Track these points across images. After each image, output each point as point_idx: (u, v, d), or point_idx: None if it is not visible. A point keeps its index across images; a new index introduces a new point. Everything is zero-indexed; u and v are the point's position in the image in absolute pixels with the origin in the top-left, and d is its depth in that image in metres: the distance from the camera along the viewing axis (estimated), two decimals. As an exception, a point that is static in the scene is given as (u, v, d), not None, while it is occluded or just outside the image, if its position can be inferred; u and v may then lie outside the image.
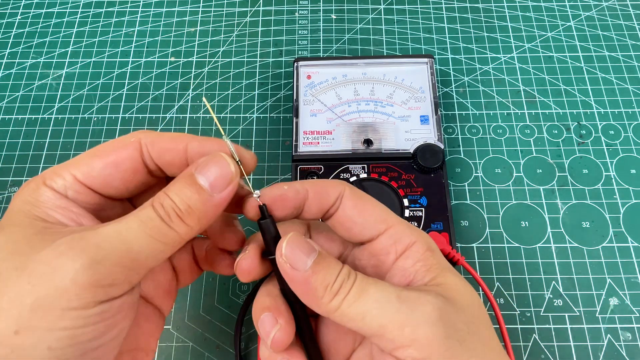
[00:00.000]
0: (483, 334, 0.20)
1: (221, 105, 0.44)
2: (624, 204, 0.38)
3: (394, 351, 0.19)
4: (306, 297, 0.20)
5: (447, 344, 0.18)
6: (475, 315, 0.20)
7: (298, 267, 0.20)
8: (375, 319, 0.19)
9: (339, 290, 0.19)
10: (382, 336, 0.19)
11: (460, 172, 0.40)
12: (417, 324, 0.18)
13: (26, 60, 0.46)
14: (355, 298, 0.19)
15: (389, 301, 0.19)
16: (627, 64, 0.45)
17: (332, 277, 0.20)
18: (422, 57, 0.41)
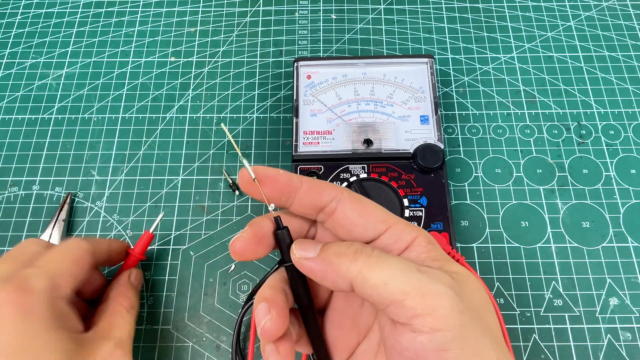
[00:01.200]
0: (488, 320, 0.21)
1: (221, 105, 0.44)
2: (624, 204, 0.38)
3: (412, 319, 0.19)
4: (328, 276, 0.21)
5: (462, 319, 0.19)
6: (482, 301, 0.21)
7: (309, 255, 0.22)
8: (398, 285, 0.19)
9: (356, 255, 0.20)
10: (402, 303, 0.19)
11: (460, 172, 0.40)
12: (438, 294, 0.19)
13: (26, 60, 0.46)
14: (377, 264, 0.20)
15: (410, 270, 0.19)
16: (627, 64, 0.45)
17: (343, 247, 0.21)
18: (422, 57, 0.41)
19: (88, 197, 0.40)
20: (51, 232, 0.37)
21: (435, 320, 0.18)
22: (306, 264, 0.22)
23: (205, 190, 0.40)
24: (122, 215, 0.39)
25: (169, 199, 0.39)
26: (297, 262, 0.22)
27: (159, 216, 0.35)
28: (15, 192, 0.40)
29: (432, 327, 0.18)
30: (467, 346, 0.19)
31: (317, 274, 0.22)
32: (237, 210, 0.39)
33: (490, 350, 0.19)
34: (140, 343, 0.35)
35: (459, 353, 0.18)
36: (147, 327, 0.35)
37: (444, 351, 0.18)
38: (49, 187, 0.40)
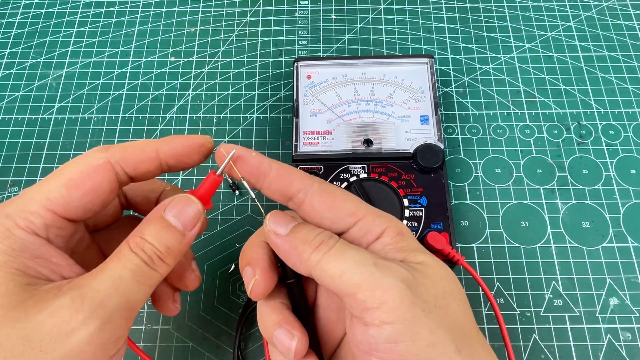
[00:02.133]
0: (454, 309, 0.21)
1: (221, 105, 0.44)
2: (624, 204, 0.38)
3: (363, 312, 0.19)
4: (290, 257, 0.22)
5: (412, 311, 0.19)
6: (447, 290, 0.21)
7: (279, 232, 0.22)
8: (352, 278, 0.20)
9: (320, 245, 0.21)
10: (354, 295, 0.19)
11: (460, 172, 0.40)
12: (387, 288, 0.19)
13: (26, 60, 0.46)
14: (335, 256, 0.20)
15: (365, 264, 0.20)
16: (627, 64, 0.45)
17: (312, 235, 0.21)
18: (422, 57, 0.41)
19: (88, 197, 0.40)
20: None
21: (384, 314, 0.19)
22: (274, 239, 0.22)
23: (205, 190, 0.40)
24: (122, 215, 0.39)
25: (169, 199, 0.39)
26: (267, 234, 0.22)
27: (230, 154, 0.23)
28: (15, 192, 0.40)
29: (381, 320, 0.19)
30: (419, 338, 0.19)
31: (281, 253, 0.22)
32: (237, 210, 0.39)
33: (448, 340, 0.19)
34: (141, 343, 0.35)
35: (410, 345, 0.19)
36: (147, 327, 0.35)
37: (394, 343, 0.19)
38: (49, 187, 0.40)
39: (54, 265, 0.21)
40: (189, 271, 0.26)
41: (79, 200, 0.22)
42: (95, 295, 0.19)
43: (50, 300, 0.19)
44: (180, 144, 0.24)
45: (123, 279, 0.20)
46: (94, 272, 0.21)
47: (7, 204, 0.21)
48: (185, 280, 0.26)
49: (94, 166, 0.22)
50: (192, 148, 0.24)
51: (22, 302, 0.19)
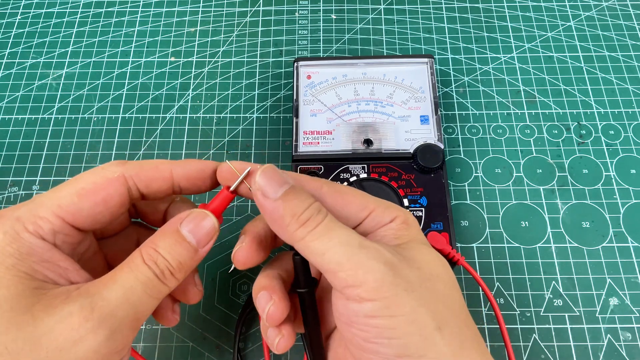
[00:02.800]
0: (440, 290, 0.21)
1: (221, 105, 0.44)
2: (624, 204, 0.38)
3: (344, 289, 0.20)
4: (274, 224, 0.22)
5: (393, 290, 0.19)
6: (434, 273, 0.21)
7: (269, 195, 0.21)
8: (334, 257, 0.20)
9: (307, 222, 0.21)
10: (336, 274, 0.20)
11: (460, 172, 0.40)
12: (369, 269, 0.19)
13: (26, 60, 0.46)
14: (320, 234, 0.20)
15: (350, 245, 0.20)
16: (627, 64, 0.45)
17: (301, 208, 0.21)
18: (422, 57, 0.41)
19: (88, 197, 0.40)
20: (51, 232, 0.37)
21: (364, 292, 0.19)
22: (262, 200, 0.21)
23: (205, 190, 0.40)
24: (122, 215, 0.39)
25: (169, 199, 0.39)
26: (254, 191, 0.22)
27: (245, 171, 0.24)
28: (15, 192, 0.40)
29: (361, 297, 0.19)
30: (398, 313, 0.19)
31: (266, 215, 0.22)
32: (237, 210, 0.39)
33: (429, 319, 0.20)
34: (141, 343, 0.35)
35: (389, 319, 0.19)
36: (147, 327, 0.35)
37: (373, 318, 0.19)
38: (49, 187, 0.40)
39: (62, 270, 0.21)
40: (191, 284, 0.26)
41: (89, 209, 0.22)
42: (105, 305, 0.19)
43: (59, 306, 0.19)
44: (195, 168, 0.24)
45: (134, 290, 0.20)
46: (104, 280, 0.21)
47: (18, 207, 0.22)
48: (187, 294, 0.26)
49: (108, 179, 0.22)
50: (206, 173, 0.24)
51: (30, 306, 0.19)
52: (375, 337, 0.19)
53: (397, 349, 0.19)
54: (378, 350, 0.19)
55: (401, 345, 0.19)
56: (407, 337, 0.19)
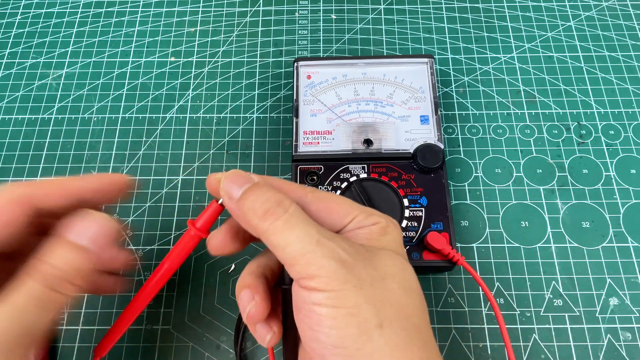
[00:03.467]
0: (393, 291, 0.22)
1: (221, 105, 0.44)
2: (624, 204, 0.38)
3: (299, 280, 0.21)
4: (242, 223, 0.23)
5: (342, 286, 0.20)
6: (389, 273, 0.22)
7: (233, 196, 0.23)
8: (293, 252, 0.21)
9: (265, 215, 0.22)
10: (292, 267, 0.21)
11: (460, 172, 0.40)
12: (321, 266, 0.21)
13: (26, 60, 0.46)
14: (282, 229, 0.21)
15: (308, 242, 0.21)
16: (627, 64, 0.45)
17: (258, 202, 0.22)
18: (422, 57, 0.41)
19: (88, 197, 0.40)
20: (51, 232, 0.37)
21: (316, 283, 0.20)
22: (228, 202, 0.23)
23: (205, 190, 0.40)
24: (122, 215, 0.39)
25: (169, 199, 0.39)
26: (222, 197, 0.23)
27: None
28: (15, 192, 0.40)
29: (312, 287, 0.21)
30: (341, 305, 0.20)
31: (235, 216, 0.23)
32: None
33: (372, 315, 0.20)
34: (141, 343, 0.35)
35: (331, 309, 0.20)
36: (147, 327, 0.35)
37: (317, 305, 0.20)
38: (49, 187, 0.40)
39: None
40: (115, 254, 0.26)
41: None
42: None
43: None
44: (94, 185, 0.25)
45: (23, 309, 0.20)
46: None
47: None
48: (114, 264, 0.26)
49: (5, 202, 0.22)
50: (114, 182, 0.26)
51: None
52: (317, 324, 0.20)
53: (334, 339, 0.20)
54: (318, 338, 0.20)
55: (339, 336, 0.20)
56: (346, 329, 0.20)
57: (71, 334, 0.35)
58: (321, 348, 0.20)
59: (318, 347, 0.21)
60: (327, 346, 0.20)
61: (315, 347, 0.21)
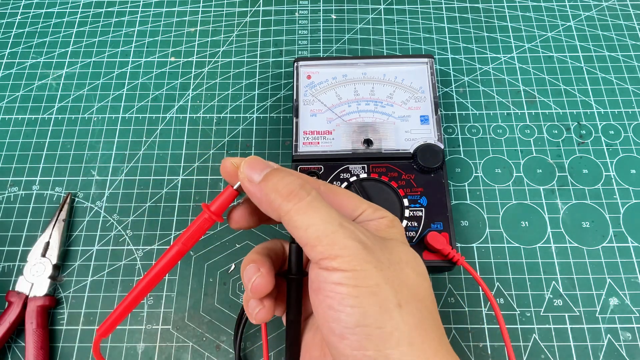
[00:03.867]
0: (407, 274, 0.22)
1: (221, 105, 0.43)
2: (624, 204, 0.38)
3: (320, 261, 0.21)
4: (262, 205, 0.23)
5: (363, 265, 0.21)
6: (404, 259, 0.23)
7: (253, 180, 0.23)
8: (316, 232, 0.21)
9: (289, 196, 0.22)
10: (314, 247, 0.21)
11: (460, 172, 0.40)
12: (344, 246, 0.21)
13: (26, 60, 0.46)
14: (305, 210, 0.22)
15: (331, 224, 0.22)
16: (627, 64, 0.45)
17: (282, 183, 0.23)
18: (422, 57, 0.41)
19: (88, 197, 0.40)
20: (51, 232, 0.37)
21: (337, 264, 0.21)
22: (248, 185, 0.24)
23: (205, 190, 0.40)
24: (122, 215, 0.39)
25: (169, 199, 0.39)
26: (241, 181, 0.24)
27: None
28: (15, 192, 0.40)
29: (333, 267, 0.21)
30: (363, 284, 0.21)
31: (254, 199, 0.24)
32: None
33: (391, 295, 0.21)
34: (141, 343, 0.35)
35: (353, 288, 0.21)
36: (147, 327, 0.35)
37: (339, 285, 0.21)
38: (49, 187, 0.40)
39: None
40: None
41: None
42: None
43: None
44: None
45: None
46: None
47: None
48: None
49: None
50: None
51: None
52: (339, 303, 0.21)
53: (356, 317, 0.20)
54: (339, 317, 0.21)
55: (361, 314, 0.20)
56: (368, 307, 0.20)
57: (71, 334, 0.35)
58: (341, 328, 0.21)
59: (338, 327, 0.21)
60: (348, 325, 0.20)
61: (334, 328, 0.21)
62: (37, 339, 0.34)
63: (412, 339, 0.21)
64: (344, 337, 0.21)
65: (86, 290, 0.36)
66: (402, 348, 0.20)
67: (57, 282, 0.37)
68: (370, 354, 0.20)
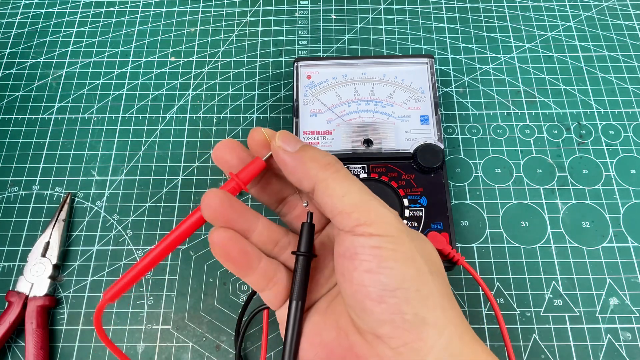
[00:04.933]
0: (428, 250, 0.24)
1: (221, 105, 0.43)
2: (624, 204, 0.38)
3: (355, 227, 0.22)
4: (297, 172, 0.23)
5: (398, 233, 0.22)
6: (422, 239, 0.25)
7: (289, 148, 0.24)
8: (353, 199, 0.22)
9: (327, 165, 0.23)
10: (350, 214, 0.22)
11: (460, 172, 0.40)
12: (380, 213, 0.22)
13: (26, 60, 0.46)
14: (342, 180, 0.23)
15: (366, 193, 0.23)
16: (627, 64, 0.45)
17: (320, 154, 0.24)
18: (422, 57, 0.41)
19: (88, 197, 0.40)
20: (51, 232, 0.37)
21: (374, 229, 0.22)
22: (282, 155, 0.24)
23: (205, 190, 0.40)
24: (122, 215, 0.39)
25: (169, 199, 0.39)
26: (275, 150, 0.24)
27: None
28: (15, 192, 0.40)
29: (370, 232, 0.21)
30: (401, 250, 0.21)
31: (287, 167, 0.24)
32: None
33: (423, 264, 0.22)
34: (141, 343, 0.35)
35: (392, 252, 0.21)
36: (147, 327, 0.35)
37: (378, 248, 0.21)
38: (49, 187, 0.40)
39: None
40: None
41: None
42: None
43: None
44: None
45: None
46: None
47: None
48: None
49: None
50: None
51: None
52: (378, 265, 0.21)
53: (396, 279, 0.21)
54: (380, 280, 0.21)
55: (400, 275, 0.21)
56: (406, 270, 0.21)
57: (71, 334, 0.35)
58: (380, 290, 0.21)
59: (376, 290, 0.21)
60: (388, 287, 0.21)
61: (372, 292, 0.21)
62: (37, 339, 0.34)
63: (443, 304, 0.22)
64: (382, 300, 0.21)
65: (86, 290, 0.36)
66: (436, 312, 0.21)
67: (57, 282, 0.37)
68: (408, 317, 0.21)
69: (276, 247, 0.26)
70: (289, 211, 0.27)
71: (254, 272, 0.24)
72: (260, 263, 0.24)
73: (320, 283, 0.26)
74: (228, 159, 0.25)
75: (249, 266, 0.24)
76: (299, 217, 0.27)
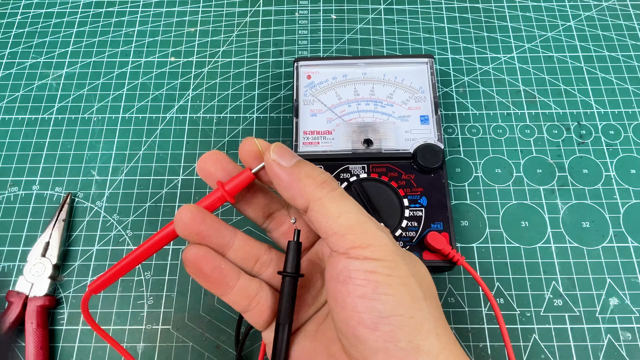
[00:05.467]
0: (422, 274, 0.23)
1: (221, 105, 0.44)
2: (624, 204, 0.38)
3: (349, 250, 0.21)
4: (291, 189, 0.23)
5: (393, 257, 0.21)
6: (416, 260, 0.24)
7: (284, 163, 0.23)
8: (348, 220, 0.22)
9: (323, 184, 0.22)
10: (345, 236, 0.21)
11: (460, 172, 0.40)
12: (376, 236, 0.21)
13: (26, 60, 0.46)
14: (337, 199, 0.22)
15: (362, 214, 0.22)
16: (627, 64, 0.45)
17: (316, 171, 0.23)
18: (422, 57, 0.41)
19: (88, 197, 0.40)
20: (51, 232, 0.37)
21: (369, 253, 0.21)
22: (277, 169, 0.23)
23: (205, 191, 0.40)
24: (122, 215, 0.39)
25: (169, 199, 0.39)
26: (269, 164, 0.23)
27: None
28: (15, 192, 0.40)
29: (365, 256, 0.21)
30: (396, 274, 0.21)
31: (281, 183, 0.23)
32: (237, 210, 0.39)
33: (418, 288, 0.21)
34: (141, 343, 0.35)
35: (387, 277, 0.21)
36: (147, 327, 0.35)
37: (373, 273, 0.21)
38: (49, 187, 0.40)
39: None
40: None
41: None
42: None
43: None
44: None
45: None
46: None
47: None
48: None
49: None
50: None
51: None
52: (373, 292, 0.20)
53: (391, 306, 0.20)
54: (374, 306, 0.20)
55: (395, 302, 0.20)
56: (401, 297, 0.21)
57: (71, 334, 0.35)
58: (375, 317, 0.20)
59: (370, 317, 0.20)
60: (383, 314, 0.20)
61: (366, 318, 0.20)
62: (37, 339, 0.34)
63: (438, 330, 0.21)
64: (376, 327, 0.20)
65: (86, 290, 0.36)
66: (431, 339, 0.20)
67: (57, 282, 0.37)
68: (402, 345, 0.20)
69: (257, 264, 0.25)
70: (275, 227, 0.26)
71: (231, 290, 0.23)
72: (239, 281, 0.24)
73: (308, 303, 0.25)
74: (212, 171, 0.25)
75: (224, 284, 0.23)
76: (286, 234, 0.26)
